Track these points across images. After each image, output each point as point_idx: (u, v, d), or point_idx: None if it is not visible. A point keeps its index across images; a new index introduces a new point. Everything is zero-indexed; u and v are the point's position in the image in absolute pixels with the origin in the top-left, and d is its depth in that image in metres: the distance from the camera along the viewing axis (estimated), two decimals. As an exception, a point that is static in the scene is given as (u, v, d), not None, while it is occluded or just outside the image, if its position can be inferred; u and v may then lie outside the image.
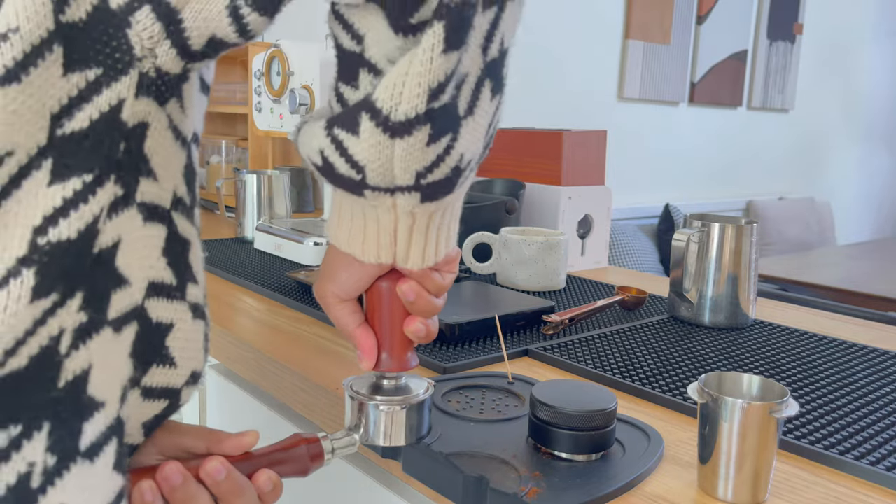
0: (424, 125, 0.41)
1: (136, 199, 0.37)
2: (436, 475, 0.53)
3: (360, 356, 0.51)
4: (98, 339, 0.36)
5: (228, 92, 1.91)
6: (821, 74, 4.09)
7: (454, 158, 0.43)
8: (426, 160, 0.42)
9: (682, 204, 3.29)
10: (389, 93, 0.40)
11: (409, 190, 0.43)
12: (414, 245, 0.47)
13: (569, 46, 2.92)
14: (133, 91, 0.36)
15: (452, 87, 0.41)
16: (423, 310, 0.50)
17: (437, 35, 0.39)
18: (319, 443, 0.50)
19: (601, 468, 0.53)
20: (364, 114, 0.41)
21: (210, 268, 1.12)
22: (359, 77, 0.44)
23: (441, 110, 0.41)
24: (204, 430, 0.48)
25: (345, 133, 0.42)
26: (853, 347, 0.85)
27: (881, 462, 0.56)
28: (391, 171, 0.42)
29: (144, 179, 0.38)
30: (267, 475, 0.47)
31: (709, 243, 0.90)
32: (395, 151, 0.41)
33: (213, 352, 0.87)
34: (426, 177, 0.43)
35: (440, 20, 0.39)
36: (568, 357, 0.77)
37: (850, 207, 4.51)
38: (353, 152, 0.42)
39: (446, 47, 0.39)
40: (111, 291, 0.37)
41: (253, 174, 1.37)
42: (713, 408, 0.51)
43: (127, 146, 0.37)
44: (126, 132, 0.36)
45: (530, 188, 1.27)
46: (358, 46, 0.43)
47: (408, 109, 0.40)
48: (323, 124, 0.44)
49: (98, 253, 0.36)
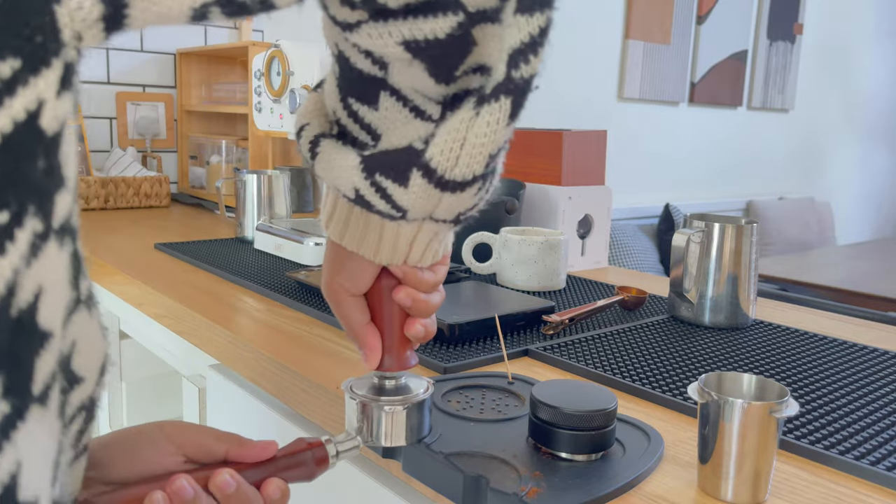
0: (478, 182, 0.42)
1: (52, 225, 0.29)
2: (436, 475, 0.53)
3: (365, 355, 0.51)
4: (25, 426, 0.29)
5: (228, 92, 1.91)
6: (821, 74, 4.09)
7: (488, 192, 0.44)
8: (470, 205, 0.43)
9: (682, 204, 3.29)
10: (446, 156, 0.40)
11: (445, 222, 0.44)
12: (429, 252, 0.47)
13: (569, 46, 2.91)
14: (55, 88, 0.28)
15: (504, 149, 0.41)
16: (421, 311, 0.50)
17: (503, 110, 0.39)
18: (324, 447, 0.50)
19: (601, 468, 0.53)
20: (416, 170, 0.41)
21: (210, 268, 1.12)
22: (379, 100, 0.43)
23: (493, 168, 0.42)
24: (224, 432, 0.48)
25: (390, 182, 0.42)
26: (853, 347, 0.85)
27: (881, 462, 0.56)
28: (433, 212, 0.43)
29: (59, 193, 0.30)
30: (276, 484, 0.47)
31: (709, 243, 0.90)
32: (442, 201, 0.42)
33: (213, 352, 0.87)
34: (465, 214, 0.44)
35: (508, 95, 0.39)
36: (568, 357, 0.77)
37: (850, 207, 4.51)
38: (397, 199, 0.42)
39: (510, 121, 0.40)
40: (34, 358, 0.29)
41: (253, 174, 1.37)
42: (713, 408, 0.51)
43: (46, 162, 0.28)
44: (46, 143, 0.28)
45: (530, 188, 1.27)
46: (380, 71, 0.43)
47: (465, 172, 0.41)
48: (359, 165, 0.43)
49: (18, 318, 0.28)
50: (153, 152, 1.98)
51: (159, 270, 1.12)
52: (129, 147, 1.91)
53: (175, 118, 2.03)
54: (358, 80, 0.44)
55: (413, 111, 0.43)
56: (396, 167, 0.42)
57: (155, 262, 1.19)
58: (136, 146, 1.96)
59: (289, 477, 0.48)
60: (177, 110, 2.02)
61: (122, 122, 1.94)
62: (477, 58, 0.40)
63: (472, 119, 0.40)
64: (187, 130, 2.02)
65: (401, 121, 0.43)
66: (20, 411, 0.29)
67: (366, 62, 0.43)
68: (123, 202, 1.77)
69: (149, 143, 1.98)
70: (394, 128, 0.44)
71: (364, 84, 0.44)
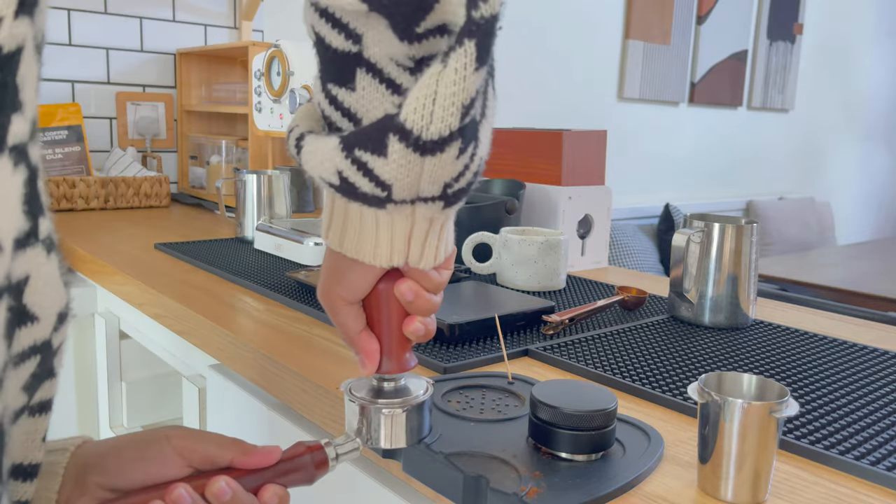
0: (456, 140, 0.41)
1: (7, 143, 0.31)
2: (436, 475, 0.53)
3: (363, 361, 0.51)
4: None
5: (228, 92, 1.91)
6: (821, 74, 4.09)
7: (476, 164, 0.43)
8: (455, 172, 0.42)
9: (682, 204, 3.29)
10: (420, 113, 0.39)
11: (434, 200, 0.43)
12: (428, 248, 0.47)
13: (569, 46, 2.92)
14: (13, 8, 0.29)
15: (481, 97, 0.41)
16: (422, 308, 0.49)
17: (468, 54, 0.38)
18: (323, 450, 0.50)
19: (601, 468, 0.53)
20: (392, 135, 0.40)
21: (210, 268, 1.12)
22: (355, 78, 0.43)
23: (470, 123, 0.41)
24: (229, 440, 0.48)
25: (369, 155, 0.41)
26: (853, 347, 0.85)
27: (881, 462, 0.56)
28: (417, 186, 0.42)
29: (15, 116, 0.31)
30: (273, 490, 0.47)
31: (709, 243, 0.91)
32: (424, 168, 0.41)
33: (213, 352, 0.87)
34: (452, 186, 0.43)
35: (471, 37, 0.38)
36: (568, 357, 0.77)
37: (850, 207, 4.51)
38: (378, 172, 0.41)
39: (478, 65, 0.39)
40: None
41: (253, 174, 1.37)
42: (713, 408, 0.51)
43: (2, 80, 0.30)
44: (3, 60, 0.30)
45: (530, 188, 1.27)
46: (354, 46, 0.42)
47: (441, 128, 0.40)
48: (338, 145, 0.42)
49: None
50: (153, 152, 1.98)
51: (159, 270, 1.12)
52: (129, 147, 1.91)
53: (175, 118, 2.03)
54: (333, 60, 0.43)
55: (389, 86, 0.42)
56: (373, 137, 0.41)
57: (155, 262, 1.19)
58: (137, 146, 1.96)
59: (289, 481, 0.48)
60: (177, 110, 2.02)
61: (122, 122, 1.94)
62: (441, 16, 0.40)
63: (440, 72, 0.39)
64: (187, 130, 2.02)
65: (378, 100, 0.43)
66: None
67: (339, 38, 0.42)
68: (123, 202, 1.77)
69: (149, 143, 1.98)
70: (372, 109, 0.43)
71: (340, 63, 0.43)
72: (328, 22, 0.42)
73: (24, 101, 0.31)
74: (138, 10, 1.92)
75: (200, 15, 2.01)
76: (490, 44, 0.39)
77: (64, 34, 1.83)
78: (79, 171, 1.77)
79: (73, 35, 1.84)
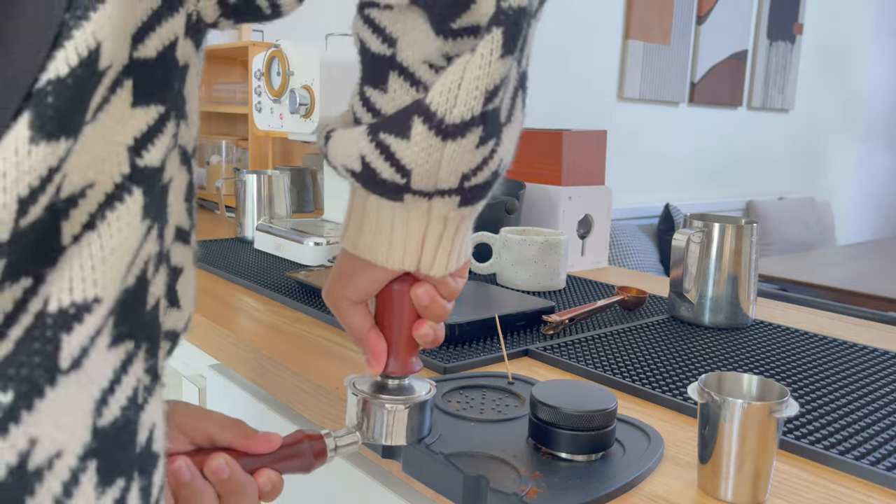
0: (477, 127, 0.42)
1: (178, 140, 0.37)
2: (436, 475, 0.53)
3: (370, 360, 0.51)
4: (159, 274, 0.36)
5: (228, 92, 1.91)
6: (821, 74, 4.09)
7: (496, 162, 0.44)
8: (473, 163, 0.43)
9: (682, 204, 3.29)
10: (445, 96, 0.41)
11: (451, 193, 0.44)
12: (440, 252, 0.47)
13: (569, 46, 2.92)
14: (183, 30, 0.36)
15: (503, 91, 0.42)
16: (435, 314, 0.50)
17: (495, 40, 0.40)
18: (323, 440, 0.50)
19: (601, 468, 0.53)
20: (416, 117, 0.42)
21: (210, 268, 1.12)
22: (388, 80, 0.44)
23: (493, 113, 0.42)
24: (231, 421, 0.48)
25: (393, 137, 0.42)
26: (853, 347, 0.85)
27: (881, 462, 0.56)
28: (436, 174, 0.43)
29: (182, 122, 0.37)
30: (267, 476, 0.47)
31: (709, 243, 0.91)
32: (444, 154, 0.42)
33: (213, 352, 0.87)
34: (470, 179, 0.44)
35: (499, 26, 0.40)
36: (568, 357, 0.77)
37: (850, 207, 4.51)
38: (400, 156, 0.42)
39: (504, 52, 0.40)
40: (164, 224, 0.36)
41: (253, 174, 1.37)
42: (713, 408, 0.51)
43: (179, 86, 0.36)
44: (179, 70, 0.36)
45: (530, 188, 1.27)
46: (389, 49, 0.44)
47: (464, 111, 0.41)
48: (365, 130, 0.44)
49: (162, 188, 0.35)
50: (153, 152, 1.98)
51: (159, 270, 1.12)
52: (129, 147, 1.90)
53: (175, 118, 2.02)
54: (371, 64, 0.45)
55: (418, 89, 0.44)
56: (399, 120, 0.43)
57: (155, 262, 1.18)
58: (136, 146, 1.96)
59: (286, 468, 0.48)
60: (177, 110, 2.02)
61: (122, 122, 1.94)
62: (476, 16, 0.41)
63: (468, 60, 0.41)
64: (187, 130, 2.02)
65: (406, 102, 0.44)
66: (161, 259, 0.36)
67: (376, 41, 0.44)
68: (123, 202, 1.77)
69: (149, 143, 1.98)
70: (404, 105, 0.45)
71: (376, 67, 0.45)
72: (369, 27, 0.45)
73: (188, 115, 0.38)
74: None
75: (200, 15, 2.01)
76: (517, 34, 0.41)
77: (64, 34, 1.82)
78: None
79: (73, 35, 1.84)
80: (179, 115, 0.36)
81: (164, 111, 0.34)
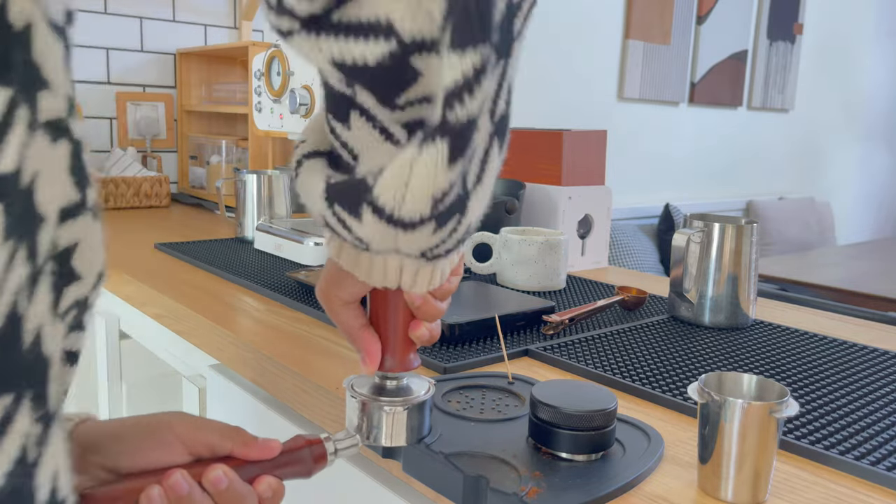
0: (430, 221, 0.40)
1: (39, 119, 0.32)
2: (436, 475, 0.53)
3: (364, 359, 0.51)
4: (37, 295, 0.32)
5: (228, 92, 1.91)
6: (821, 74, 4.09)
7: (461, 232, 0.42)
8: (432, 243, 0.42)
9: (682, 204, 3.29)
10: (391, 194, 0.39)
11: (416, 257, 0.43)
12: (420, 278, 0.46)
13: (569, 46, 2.92)
14: None
15: (458, 185, 0.40)
16: (428, 314, 0.49)
17: (441, 153, 0.37)
18: (322, 444, 0.50)
19: (601, 468, 0.53)
20: (366, 206, 0.40)
21: (210, 268, 1.12)
22: (350, 118, 0.42)
23: (447, 208, 0.40)
24: (230, 429, 0.48)
25: (347, 214, 0.41)
26: (853, 347, 0.85)
27: (881, 462, 0.56)
28: (395, 247, 0.42)
29: (42, 93, 0.32)
30: (267, 483, 0.47)
31: (709, 243, 0.91)
32: (398, 238, 0.41)
33: (213, 352, 0.87)
34: (432, 251, 0.43)
35: (443, 137, 0.37)
36: (568, 357, 0.77)
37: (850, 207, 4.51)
38: (356, 231, 0.42)
39: (451, 162, 0.38)
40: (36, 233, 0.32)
41: (253, 174, 1.37)
42: (713, 408, 0.51)
43: (24, 56, 0.31)
44: (17, 36, 0.30)
45: (530, 188, 1.27)
46: (347, 89, 0.41)
47: (412, 213, 0.39)
48: (322, 193, 0.42)
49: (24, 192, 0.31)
50: (153, 152, 1.98)
51: (159, 270, 1.13)
52: (130, 147, 1.91)
53: (175, 118, 2.03)
54: (331, 96, 0.43)
55: (382, 133, 0.41)
56: (351, 200, 0.41)
57: (155, 262, 1.19)
58: (137, 146, 1.96)
59: (286, 473, 0.48)
60: (177, 110, 2.02)
61: (122, 122, 1.94)
62: (424, 89, 0.38)
63: (414, 159, 0.38)
64: (187, 130, 2.02)
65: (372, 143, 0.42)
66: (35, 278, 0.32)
67: (335, 79, 0.41)
68: (123, 202, 1.77)
69: (149, 143, 1.98)
70: (368, 149, 0.42)
71: (337, 101, 0.42)
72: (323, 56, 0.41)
73: (48, 79, 0.32)
74: (138, 10, 1.92)
75: (200, 15, 2.01)
76: (464, 144, 0.38)
77: (64, 34, 1.82)
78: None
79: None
80: (34, 88, 0.31)
81: (11, 95, 0.30)
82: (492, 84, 0.38)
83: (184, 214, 1.73)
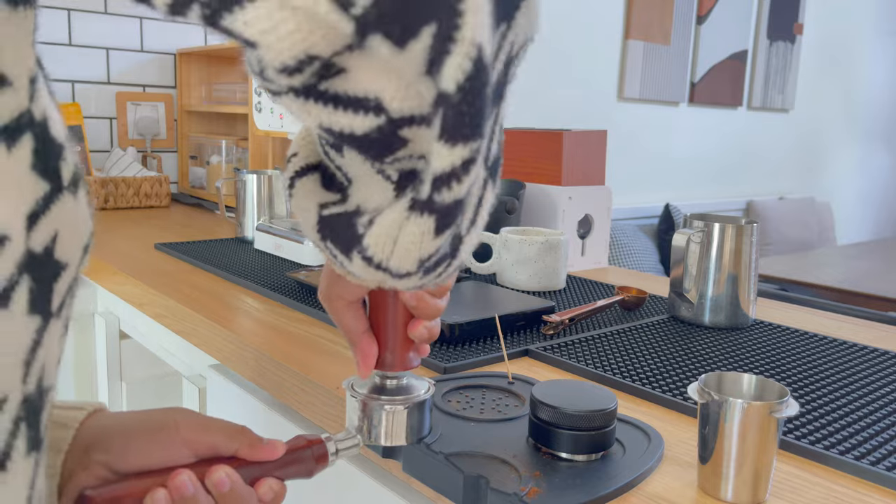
0: (416, 275, 0.40)
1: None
2: (436, 475, 0.53)
3: (358, 364, 0.51)
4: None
5: (228, 92, 1.91)
6: (821, 74, 4.09)
7: (453, 268, 0.42)
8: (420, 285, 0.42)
9: (682, 204, 3.29)
10: (381, 248, 0.39)
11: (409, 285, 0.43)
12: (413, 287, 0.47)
13: (569, 46, 2.91)
14: None
15: (447, 244, 0.40)
16: (426, 313, 0.50)
17: (427, 226, 0.37)
18: (324, 444, 0.50)
19: (601, 468, 0.53)
20: (356, 252, 0.40)
21: (210, 268, 1.12)
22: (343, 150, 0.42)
23: (434, 263, 0.40)
24: (236, 430, 0.48)
25: (338, 251, 0.42)
26: (853, 347, 0.85)
27: (881, 462, 0.56)
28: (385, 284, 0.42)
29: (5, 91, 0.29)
30: (268, 485, 0.47)
31: (709, 243, 0.91)
32: (388, 281, 0.41)
33: (213, 352, 0.87)
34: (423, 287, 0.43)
35: (430, 214, 0.37)
36: (568, 357, 0.77)
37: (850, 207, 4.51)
38: (346, 266, 0.42)
39: (437, 234, 0.38)
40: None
41: (253, 174, 1.37)
42: (713, 408, 0.51)
43: None
44: None
45: (530, 188, 1.27)
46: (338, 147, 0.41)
47: (400, 267, 0.39)
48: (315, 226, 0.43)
49: None
50: (153, 152, 1.98)
51: (159, 270, 1.12)
52: (129, 147, 1.91)
53: (175, 118, 2.03)
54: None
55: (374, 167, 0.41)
56: (342, 243, 0.41)
57: (155, 262, 1.19)
58: (137, 146, 1.96)
59: (288, 474, 0.48)
60: (177, 110, 2.02)
61: (122, 122, 1.94)
62: (411, 151, 0.37)
63: (403, 222, 0.38)
64: (187, 130, 2.02)
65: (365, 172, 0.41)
66: None
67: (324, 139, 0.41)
68: (123, 202, 1.77)
69: (149, 143, 1.98)
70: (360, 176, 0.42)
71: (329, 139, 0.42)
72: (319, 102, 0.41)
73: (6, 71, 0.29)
74: (138, 10, 1.92)
75: (200, 15, 2.01)
76: (451, 220, 0.38)
77: (64, 34, 1.83)
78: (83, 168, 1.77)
79: (73, 35, 1.84)
80: None
81: None
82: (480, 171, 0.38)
83: (184, 214, 1.73)
